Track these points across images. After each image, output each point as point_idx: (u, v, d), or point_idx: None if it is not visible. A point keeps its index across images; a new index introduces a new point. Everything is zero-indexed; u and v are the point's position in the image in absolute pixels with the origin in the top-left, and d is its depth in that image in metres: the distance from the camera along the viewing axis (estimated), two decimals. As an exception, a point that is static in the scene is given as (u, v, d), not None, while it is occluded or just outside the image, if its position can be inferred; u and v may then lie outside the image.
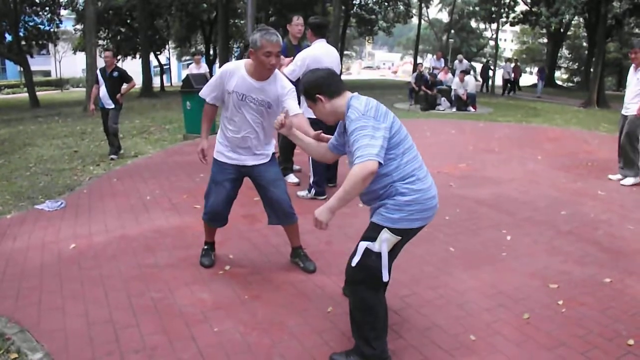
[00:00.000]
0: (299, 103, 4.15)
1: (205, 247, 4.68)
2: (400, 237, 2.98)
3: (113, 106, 9.17)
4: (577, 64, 50.28)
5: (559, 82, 44.46)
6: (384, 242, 2.95)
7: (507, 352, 3.30)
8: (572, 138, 11.86)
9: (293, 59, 6.24)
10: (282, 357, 3.24)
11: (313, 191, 6.43)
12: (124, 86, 9.21)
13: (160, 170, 8.15)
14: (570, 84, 43.67)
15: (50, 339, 3.42)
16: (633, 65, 7.61)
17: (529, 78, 48.85)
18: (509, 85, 27.82)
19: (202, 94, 4.19)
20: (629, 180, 7.58)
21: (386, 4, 38.67)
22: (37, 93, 27.33)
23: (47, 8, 29.96)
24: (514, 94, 27.25)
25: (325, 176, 6.60)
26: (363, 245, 2.99)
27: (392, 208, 2.95)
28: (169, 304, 3.90)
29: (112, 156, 9.16)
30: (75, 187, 7.22)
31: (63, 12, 32.90)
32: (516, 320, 3.69)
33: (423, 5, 44.95)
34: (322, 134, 3.42)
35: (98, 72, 9.31)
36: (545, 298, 4.02)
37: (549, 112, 17.08)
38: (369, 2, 39.39)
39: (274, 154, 4.34)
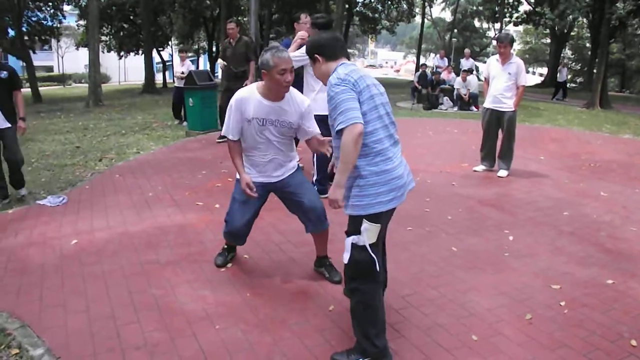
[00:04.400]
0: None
1: (225, 246, 4.60)
2: (379, 225, 2.99)
3: (7, 125, 6.16)
4: (580, 64, 50.18)
5: (562, 83, 44.34)
6: (364, 233, 2.97)
7: (509, 352, 3.30)
8: (575, 139, 11.84)
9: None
10: (284, 355, 3.24)
11: (315, 189, 6.41)
12: (16, 98, 6.26)
13: (163, 166, 8.14)
14: (573, 85, 43.61)
15: (51, 335, 3.42)
16: (499, 59, 7.73)
17: (532, 78, 48.73)
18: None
19: (225, 132, 4.00)
20: (505, 173, 7.88)
21: (389, 2, 38.60)
22: (40, 88, 27.31)
23: (50, 3, 29.95)
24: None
25: (329, 175, 6.58)
26: (349, 240, 3.04)
27: (358, 195, 2.97)
28: (170, 301, 3.89)
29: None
30: (77, 183, 7.22)
31: (66, 7, 32.88)
32: (518, 321, 3.68)
33: (426, 4, 44.89)
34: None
35: None
36: (547, 299, 4.01)
37: (552, 113, 17.05)
38: (372, 0, 39.34)
39: (298, 165, 4.27)
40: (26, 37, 28.24)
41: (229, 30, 9.64)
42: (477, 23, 59.07)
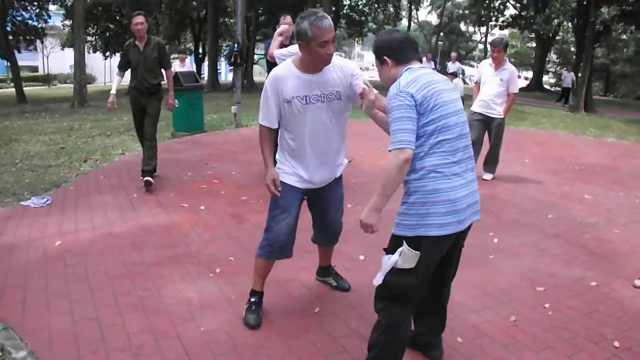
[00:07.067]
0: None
1: (253, 299, 3.70)
2: (418, 252, 2.62)
3: None
4: (565, 68, 50.71)
5: (547, 87, 44.73)
6: (401, 256, 2.64)
7: (494, 354, 3.31)
8: (560, 142, 11.93)
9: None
10: (268, 356, 3.23)
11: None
12: None
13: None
14: (558, 89, 44.00)
15: (35, 337, 3.38)
16: (492, 64, 7.58)
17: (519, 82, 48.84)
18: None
19: (261, 119, 3.45)
20: (490, 176, 7.84)
21: (376, 5, 38.70)
22: (24, 88, 27.09)
23: (35, 3, 29.73)
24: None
25: None
26: (386, 260, 2.72)
27: (404, 212, 2.66)
28: (155, 302, 3.87)
29: None
30: (62, 184, 7.16)
31: (51, 7, 32.68)
32: (503, 323, 3.70)
33: (413, 7, 45.09)
34: None
35: None
36: (532, 300, 4.03)
37: (537, 116, 17.17)
38: (359, 3, 39.42)
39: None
40: (11, 37, 28.00)
41: (137, 26, 6.90)
42: (463, 27, 59.50)
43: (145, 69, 6.95)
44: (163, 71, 7.29)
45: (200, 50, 37.66)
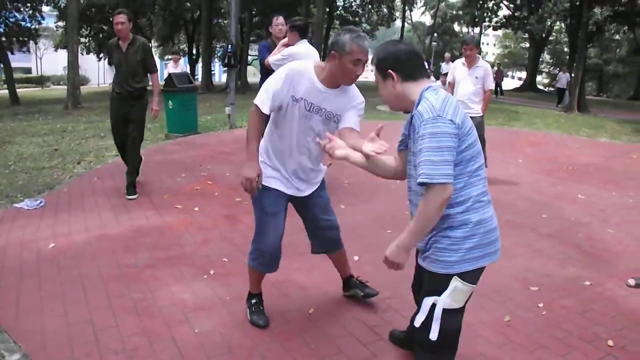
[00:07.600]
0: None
1: (254, 300, 3.70)
2: (474, 285, 2.49)
3: None
4: (558, 68, 50.89)
5: (540, 87, 44.88)
6: (452, 294, 2.47)
7: (488, 354, 3.31)
8: (553, 142, 11.97)
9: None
10: (263, 358, 3.22)
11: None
12: None
13: (141, 169, 8.04)
14: (551, 89, 44.15)
15: (28, 340, 3.37)
16: (465, 62, 7.45)
17: (511, 82, 49.15)
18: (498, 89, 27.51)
19: (261, 102, 3.18)
20: None
21: (370, 6, 38.79)
22: (17, 90, 27.00)
23: (28, 4, 29.65)
24: (496, 98, 27.38)
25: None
26: (428, 302, 2.52)
27: (448, 248, 2.45)
28: (149, 304, 3.86)
29: None
30: (55, 186, 7.13)
31: (45, 8, 32.60)
32: (497, 323, 3.70)
33: (407, 8, 45.15)
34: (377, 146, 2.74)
35: None
36: (526, 300, 4.04)
37: (530, 116, 17.22)
38: (352, 4, 39.50)
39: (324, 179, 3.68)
40: (4, 38, 27.91)
41: (117, 26, 6.33)
42: (456, 27, 59.65)
43: (127, 72, 6.45)
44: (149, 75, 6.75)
45: (194, 52, 37.63)
